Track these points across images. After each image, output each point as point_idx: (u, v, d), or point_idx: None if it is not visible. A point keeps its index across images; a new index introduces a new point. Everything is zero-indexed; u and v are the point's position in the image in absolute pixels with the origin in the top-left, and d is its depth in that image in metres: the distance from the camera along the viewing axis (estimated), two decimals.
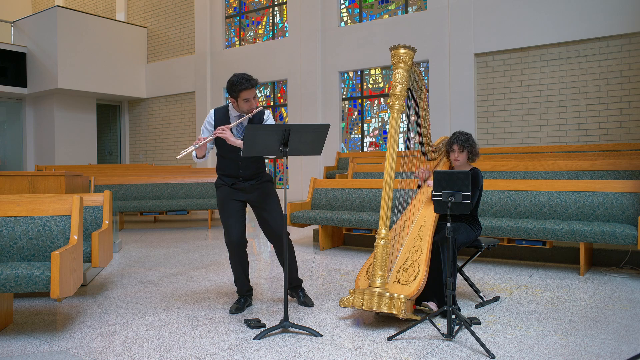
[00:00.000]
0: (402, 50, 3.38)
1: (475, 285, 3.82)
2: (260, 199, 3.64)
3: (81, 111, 15.17)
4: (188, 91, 14.95)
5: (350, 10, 12.15)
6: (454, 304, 3.13)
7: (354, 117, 12.15)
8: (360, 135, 12.05)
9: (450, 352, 2.80)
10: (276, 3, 13.43)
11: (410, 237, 3.56)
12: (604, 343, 2.91)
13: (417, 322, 3.09)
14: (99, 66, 14.61)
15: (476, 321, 3.25)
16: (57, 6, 14.16)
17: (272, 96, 13.51)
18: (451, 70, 10.44)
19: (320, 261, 5.47)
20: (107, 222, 4.08)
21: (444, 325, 3.13)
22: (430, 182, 3.83)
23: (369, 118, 11.97)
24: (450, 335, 2.96)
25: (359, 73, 11.99)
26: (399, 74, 3.38)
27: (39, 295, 4.08)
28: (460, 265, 3.86)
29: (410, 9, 11.37)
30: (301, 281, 3.85)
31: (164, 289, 4.33)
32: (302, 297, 3.77)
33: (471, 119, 10.20)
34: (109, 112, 16.73)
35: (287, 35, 13.07)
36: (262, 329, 3.16)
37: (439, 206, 3.12)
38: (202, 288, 4.35)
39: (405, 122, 3.91)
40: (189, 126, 14.99)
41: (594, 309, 3.58)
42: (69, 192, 5.10)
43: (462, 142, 3.71)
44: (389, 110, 3.41)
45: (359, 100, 12.03)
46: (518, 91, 9.88)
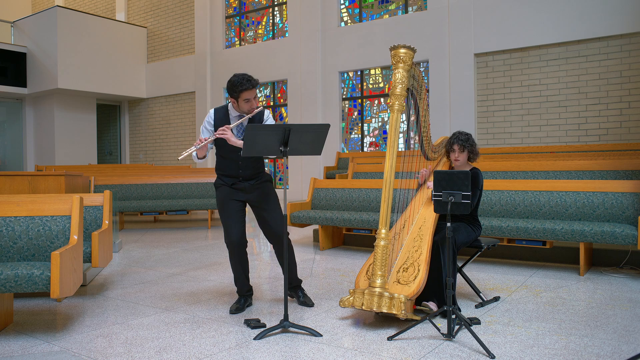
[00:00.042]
0: (402, 50, 3.38)
1: (475, 285, 3.82)
2: (260, 199, 3.64)
3: (81, 111, 15.17)
4: (188, 91, 14.95)
5: (350, 10, 12.15)
6: (454, 304, 3.13)
7: (354, 117, 12.15)
8: (360, 135, 12.05)
9: (450, 352, 2.80)
10: (276, 3, 13.43)
11: (410, 237, 3.56)
12: (604, 343, 2.91)
13: (417, 322, 3.09)
14: (99, 66, 14.62)
15: (476, 321, 3.25)
16: (57, 6, 14.16)
17: (272, 96, 13.51)
18: (451, 70, 10.44)
19: (320, 261, 5.47)
20: (107, 222, 4.08)
21: (444, 325, 3.13)
22: (430, 184, 3.83)
23: (369, 118, 11.97)
24: (450, 335, 2.96)
25: (359, 73, 11.99)
26: (399, 74, 3.38)
27: (39, 295, 4.08)
28: (460, 265, 3.86)
29: (410, 9, 11.37)
30: (300, 281, 3.85)
31: (164, 289, 4.33)
32: (302, 297, 3.77)
33: (471, 119, 10.20)
34: (109, 112, 16.73)
35: (287, 35, 13.07)
36: (262, 329, 3.16)
37: (439, 206, 3.12)
38: (202, 288, 4.35)
39: (405, 122, 3.91)
40: (189, 126, 14.99)
41: (594, 309, 3.58)
42: (69, 192, 5.10)
43: (463, 142, 3.71)
44: (389, 110, 3.41)
45: (359, 100, 12.03)
46: (518, 91, 9.88)
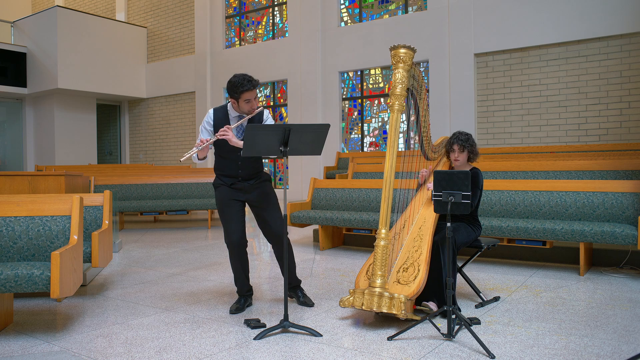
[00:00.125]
0: (402, 50, 3.38)
1: (475, 285, 3.82)
2: (259, 199, 3.64)
3: (81, 111, 15.17)
4: (188, 91, 14.95)
5: (350, 10, 12.15)
6: (454, 304, 3.13)
7: (354, 117, 12.15)
8: (360, 135, 12.05)
9: (450, 352, 2.80)
10: (276, 3, 13.43)
11: (410, 237, 3.56)
12: (604, 343, 2.91)
13: (417, 322, 3.09)
14: (99, 66, 14.62)
15: (476, 321, 3.25)
16: (57, 6, 14.16)
17: (272, 96, 13.51)
18: (451, 70, 10.43)
19: (320, 261, 5.47)
20: (107, 222, 4.08)
21: (444, 325, 3.13)
22: (430, 185, 3.83)
23: (369, 118, 11.97)
24: (450, 335, 2.96)
25: (359, 73, 11.99)
26: (399, 74, 3.38)
27: (39, 295, 4.08)
28: (460, 265, 3.86)
29: (410, 9, 11.37)
30: (300, 281, 3.85)
31: (164, 289, 4.33)
32: (302, 297, 3.77)
33: (471, 119, 10.20)
34: (109, 112, 16.73)
35: (287, 35, 13.07)
36: (262, 329, 3.16)
37: (439, 206, 3.12)
38: (202, 288, 4.35)
39: (405, 122, 3.91)
40: (189, 126, 14.99)
41: (594, 309, 3.58)
42: (69, 192, 5.10)
43: (463, 142, 3.71)
44: (389, 110, 3.41)
45: (359, 100, 12.03)
46: (518, 91, 9.88)
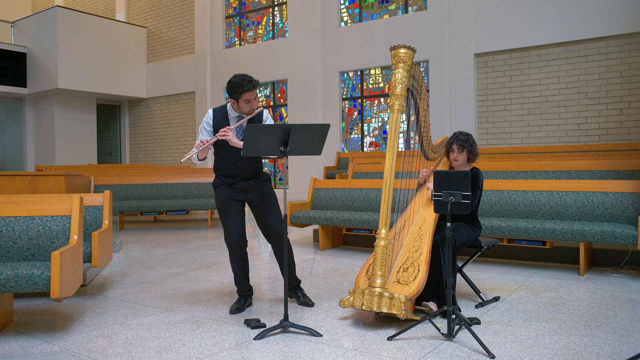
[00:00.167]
0: (402, 50, 3.38)
1: (475, 285, 3.82)
2: (259, 199, 3.64)
3: (81, 111, 15.17)
4: (188, 91, 14.95)
5: (350, 10, 12.15)
6: (454, 304, 3.13)
7: (354, 117, 12.15)
8: (360, 135, 12.05)
9: (450, 352, 2.80)
10: (276, 3, 13.43)
11: (410, 237, 3.56)
12: (604, 343, 2.91)
13: (417, 322, 3.09)
14: (99, 66, 14.62)
15: (476, 321, 3.25)
16: (57, 6, 14.16)
17: (272, 96, 13.51)
18: (451, 70, 10.44)
19: (320, 261, 5.47)
20: (107, 222, 4.08)
21: (444, 325, 3.13)
22: (430, 185, 3.83)
23: (369, 118, 11.97)
24: (450, 335, 2.96)
25: (359, 73, 11.99)
26: (399, 74, 3.38)
27: (39, 295, 4.08)
28: (460, 265, 3.86)
29: (410, 9, 11.37)
30: (299, 281, 3.85)
31: (164, 289, 4.33)
32: (302, 297, 3.77)
33: (471, 119, 10.20)
34: (109, 112, 16.73)
35: (287, 35, 13.07)
36: (262, 329, 3.16)
37: (439, 206, 3.12)
38: (202, 288, 4.35)
39: (405, 122, 3.91)
40: (189, 126, 14.99)
41: (594, 309, 3.58)
42: (69, 192, 5.10)
43: (462, 142, 3.71)
44: (389, 110, 3.41)
45: (359, 100, 12.03)
46: (518, 91, 9.88)
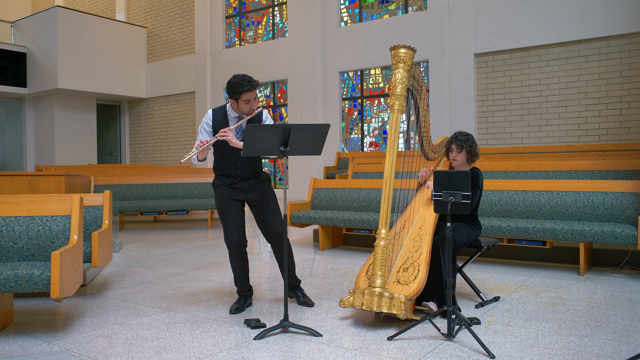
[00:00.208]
0: (402, 50, 3.37)
1: (475, 285, 3.82)
2: (259, 199, 3.64)
3: (81, 111, 15.17)
4: (188, 91, 14.95)
5: (350, 10, 12.15)
6: (454, 304, 3.13)
7: (354, 117, 12.15)
8: (360, 135, 12.05)
9: (450, 352, 2.80)
10: (276, 3, 13.43)
11: (410, 237, 3.56)
12: (604, 343, 2.91)
13: (417, 322, 3.09)
14: (99, 66, 14.62)
15: (476, 321, 3.25)
16: (57, 6, 14.16)
17: (272, 96, 13.51)
18: (451, 70, 10.43)
19: (320, 261, 5.47)
20: (107, 222, 4.08)
21: (444, 325, 3.13)
22: (430, 184, 3.83)
23: (369, 118, 11.97)
24: (450, 335, 2.96)
25: (359, 73, 11.99)
26: (399, 74, 3.38)
27: (39, 295, 4.08)
28: (460, 265, 3.86)
29: (410, 9, 11.37)
30: (299, 281, 3.85)
31: (164, 289, 4.33)
32: (301, 297, 3.77)
33: (471, 119, 10.21)
34: (109, 112, 16.73)
35: (287, 35, 13.07)
36: (262, 329, 3.16)
37: (439, 206, 3.12)
38: (202, 288, 4.35)
39: (405, 122, 3.91)
40: (189, 126, 14.99)
41: (594, 309, 3.58)
42: (69, 192, 5.10)
43: (461, 142, 3.70)
44: (389, 110, 3.41)
45: (359, 100, 12.03)
46: (518, 91, 9.88)
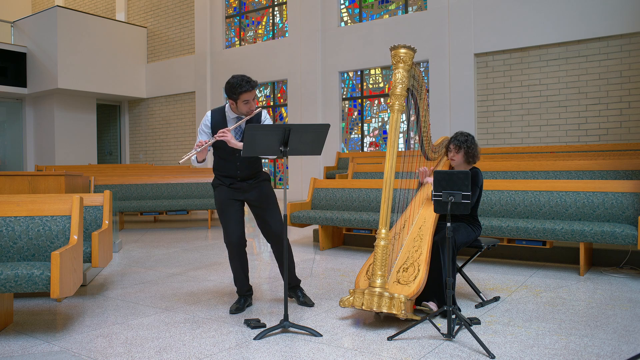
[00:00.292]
0: (402, 50, 3.37)
1: (475, 285, 3.82)
2: (258, 199, 3.64)
3: (81, 111, 15.17)
4: (188, 91, 14.95)
5: (350, 10, 12.15)
6: (454, 304, 3.13)
7: (354, 117, 12.15)
8: (360, 135, 12.05)
9: (450, 352, 2.80)
10: (276, 3, 13.43)
11: (410, 237, 3.56)
12: (604, 343, 2.91)
13: (417, 322, 3.09)
14: (99, 66, 14.62)
15: (476, 321, 3.25)
16: (57, 6, 14.16)
17: (272, 96, 13.51)
18: (451, 70, 10.44)
19: (320, 261, 5.47)
20: (107, 222, 4.08)
21: (444, 325, 3.13)
22: (430, 179, 3.82)
23: (369, 118, 11.97)
24: (450, 335, 2.96)
25: (359, 73, 11.99)
26: (399, 74, 3.38)
27: (39, 295, 4.08)
28: (460, 265, 3.86)
29: (410, 9, 11.37)
30: (299, 281, 3.85)
31: (164, 289, 4.33)
32: (301, 297, 3.77)
33: (471, 119, 10.21)
34: (109, 112, 16.73)
35: (287, 35, 13.07)
36: (262, 329, 3.16)
37: (439, 206, 3.12)
38: (202, 288, 4.35)
39: (405, 122, 3.91)
40: (189, 126, 14.99)
41: (594, 309, 3.58)
42: (69, 192, 5.10)
43: (459, 142, 3.70)
44: (389, 110, 3.41)
45: (359, 100, 12.03)
46: (518, 91, 9.88)
